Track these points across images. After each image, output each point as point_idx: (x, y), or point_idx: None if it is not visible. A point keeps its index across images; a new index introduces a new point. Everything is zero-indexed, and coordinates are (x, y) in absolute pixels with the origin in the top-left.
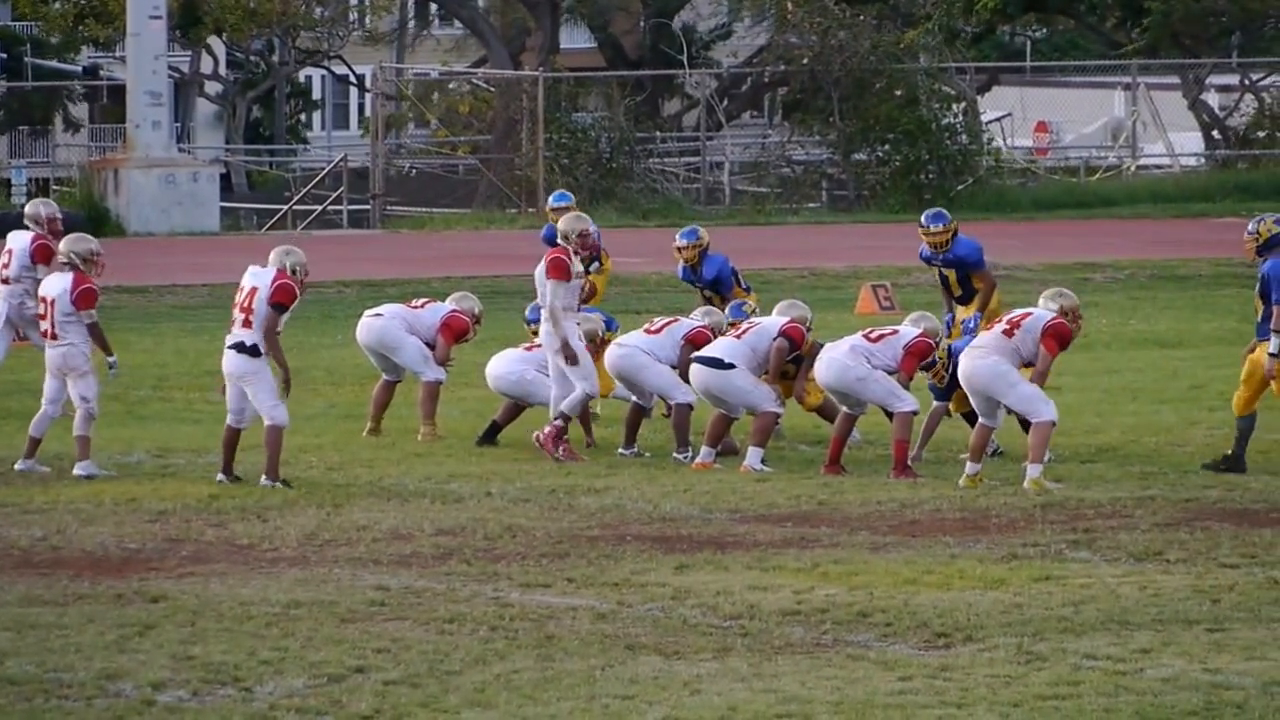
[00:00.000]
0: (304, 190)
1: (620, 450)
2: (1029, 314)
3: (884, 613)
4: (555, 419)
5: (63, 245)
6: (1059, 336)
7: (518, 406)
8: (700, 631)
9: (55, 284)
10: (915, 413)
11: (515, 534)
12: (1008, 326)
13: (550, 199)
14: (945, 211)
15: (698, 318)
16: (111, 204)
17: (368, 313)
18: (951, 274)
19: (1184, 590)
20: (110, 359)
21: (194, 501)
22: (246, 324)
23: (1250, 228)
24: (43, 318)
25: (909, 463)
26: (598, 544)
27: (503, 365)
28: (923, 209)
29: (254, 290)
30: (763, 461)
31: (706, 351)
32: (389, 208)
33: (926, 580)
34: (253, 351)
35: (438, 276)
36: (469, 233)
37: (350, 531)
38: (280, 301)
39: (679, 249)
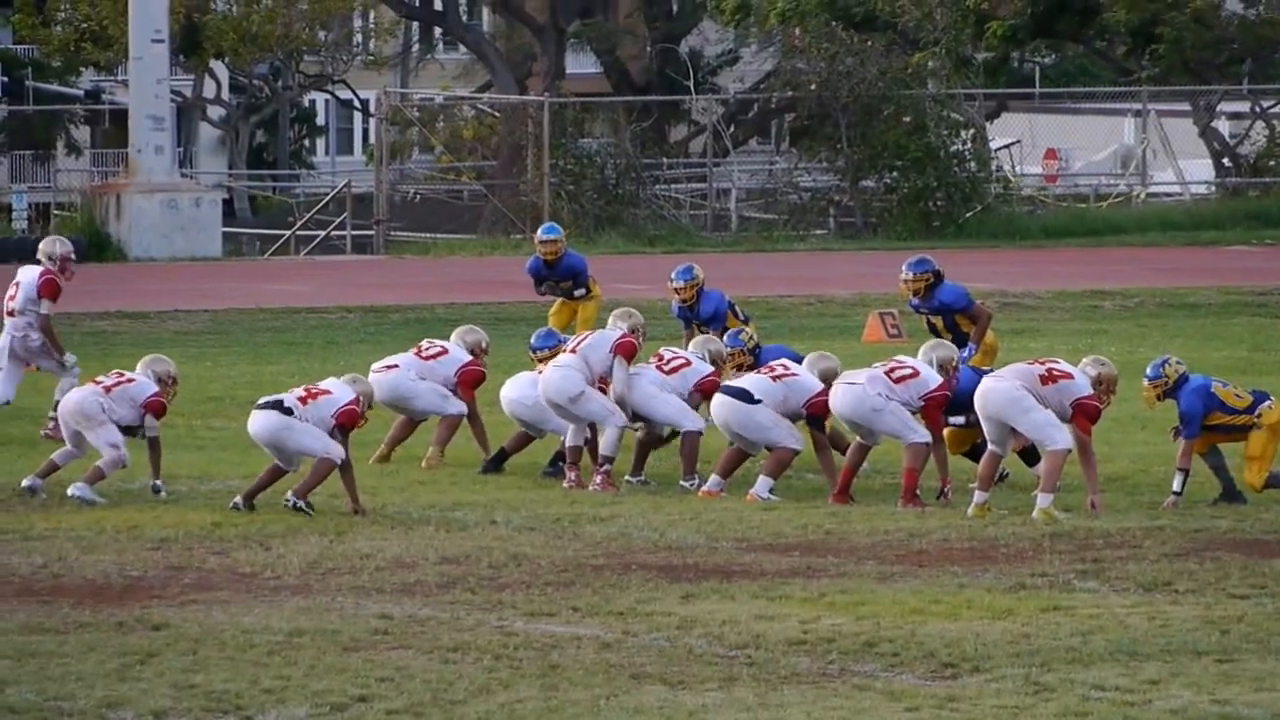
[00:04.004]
0: (308, 215)
1: (627, 477)
2: (1070, 376)
3: (891, 643)
4: (600, 465)
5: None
6: (1089, 416)
7: (528, 436)
8: (706, 661)
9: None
10: (928, 444)
11: (520, 562)
12: (1046, 372)
13: (540, 231)
14: (928, 258)
15: (697, 349)
16: (113, 229)
17: (376, 366)
18: (938, 321)
19: (1193, 621)
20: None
21: (196, 529)
22: (303, 400)
23: (1152, 373)
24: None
25: (916, 493)
26: (603, 573)
27: (517, 390)
28: (931, 236)
29: (327, 391)
30: (771, 492)
31: (739, 382)
32: (393, 233)
33: (934, 610)
34: (288, 410)
35: (442, 303)
36: (473, 259)
37: (353, 559)
38: (344, 424)
39: (676, 289)
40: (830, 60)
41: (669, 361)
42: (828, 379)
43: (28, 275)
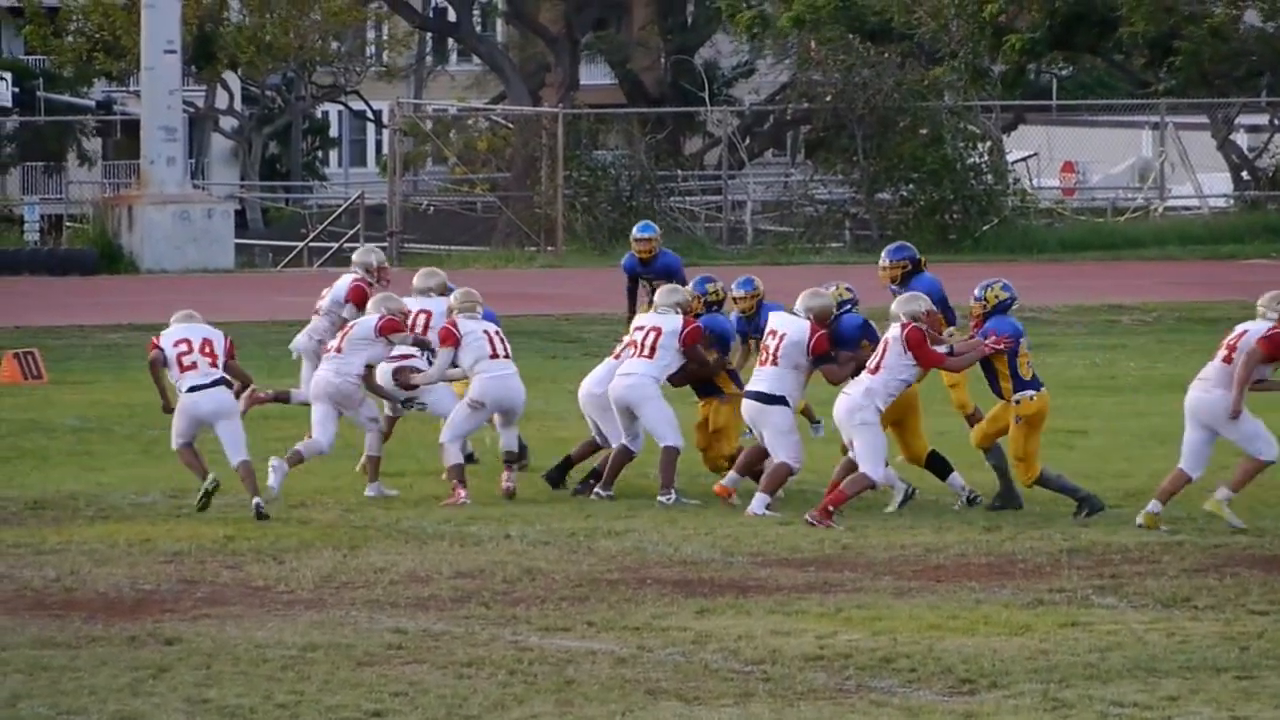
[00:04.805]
0: (320, 227)
1: (598, 490)
2: (1244, 332)
3: (908, 658)
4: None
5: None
6: (1273, 344)
7: (594, 444)
8: (722, 677)
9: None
10: (874, 486)
11: (534, 577)
12: (1226, 352)
13: (635, 229)
14: (909, 245)
15: (663, 300)
16: (125, 241)
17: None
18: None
19: (1212, 637)
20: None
21: (209, 542)
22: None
23: (979, 293)
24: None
25: (832, 510)
26: (618, 587)
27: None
28: (947, 249)
29: (209, 339)
30: (768, 508)
31: (755, 385)
32: (406, 245)
33: (951, 626)
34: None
35: None
36: (487, 271)
37: (367, 574)
38: (232, 352)
39: (735, 299)
40: (846, 72)
41: (643, 344)
42: (822, 318)
43: (341, 280)
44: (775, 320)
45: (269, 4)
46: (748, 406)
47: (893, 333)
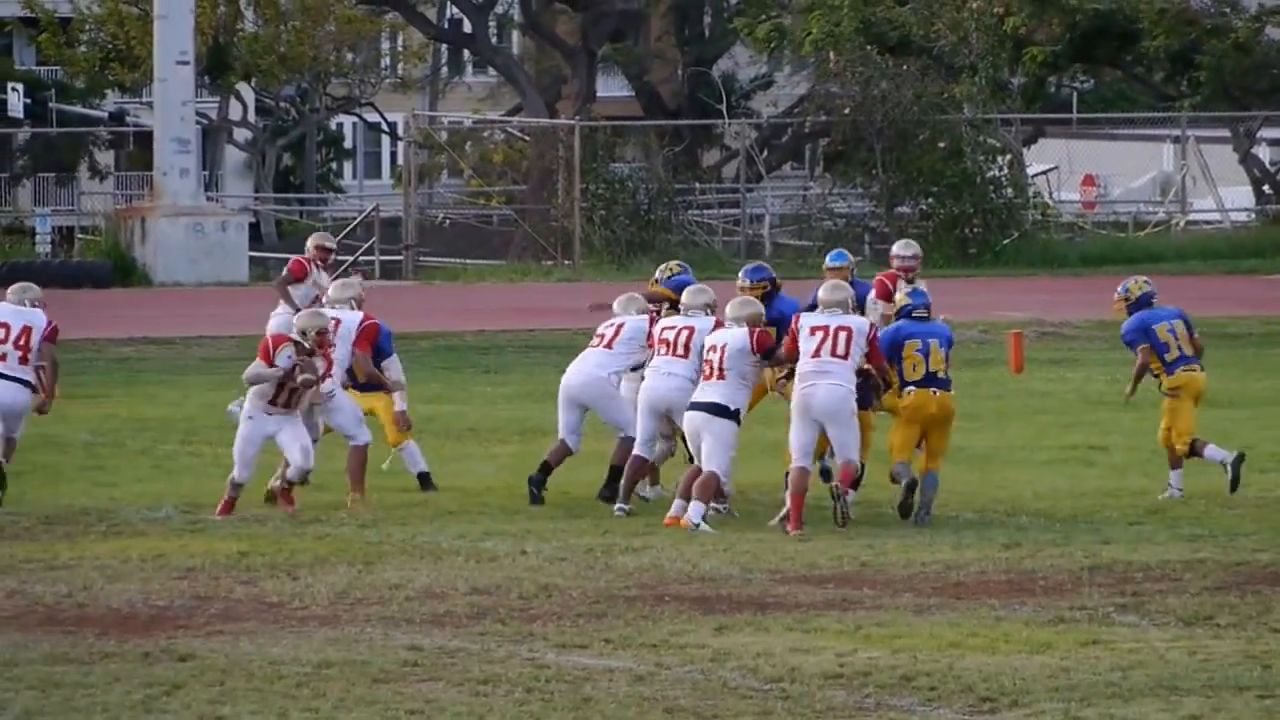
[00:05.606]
0: (335, 240)
1: (619, 505)
2: None
3: (928, 676)
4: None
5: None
6: None
7: (566, 448)
8: (740, 695)
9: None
10: (858, 468)
11: (551, 593)
12: None
13: (828, 258)
14: (765, 266)
15: (693, 300)
16: (138, 253)
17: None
18: (771, 331)
19: (1234, 655)
20: None
21: (223, 558)
22: (24, 360)
23: (803, 310)
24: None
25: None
26: (635, 604)
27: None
28: (967, 264)
29: (28, 328)
30: (704, 518)
31: (706, 397)
32: (421, 258)
33: (971, 643)
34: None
35: (471, 329)
36: (503, 285)
37: (383, 590)
38: (51, 338)
39: (741, 288)
40: (865, 84)
41: (675, 343)
42: (754, 324)
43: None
44: (710, 336)
45: (284, 15)
46: (694, 417)
47: (854, 323)
